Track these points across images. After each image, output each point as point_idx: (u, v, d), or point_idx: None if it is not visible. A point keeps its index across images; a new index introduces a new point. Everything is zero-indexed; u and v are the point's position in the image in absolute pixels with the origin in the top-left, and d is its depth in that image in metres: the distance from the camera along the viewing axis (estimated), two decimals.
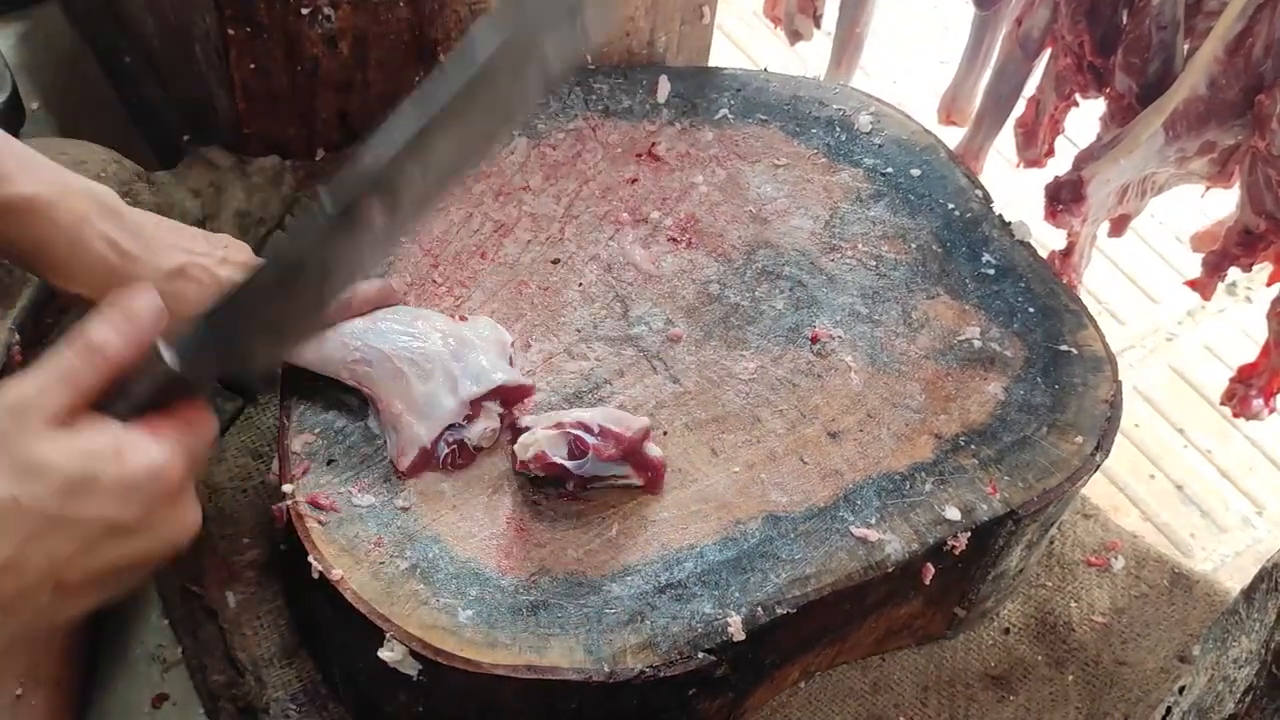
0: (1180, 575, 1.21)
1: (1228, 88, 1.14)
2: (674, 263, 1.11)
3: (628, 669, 0.85)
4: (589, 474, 0.93)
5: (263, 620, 1.07)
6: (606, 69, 1.27)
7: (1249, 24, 1.10)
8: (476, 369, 0.95)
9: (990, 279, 1.13)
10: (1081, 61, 1.25)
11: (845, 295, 1.10)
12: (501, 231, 1.11)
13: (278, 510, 0.91)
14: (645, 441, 0.94)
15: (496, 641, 0.86)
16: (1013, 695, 1.11)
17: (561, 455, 0.92)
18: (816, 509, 0.96)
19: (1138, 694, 1.12)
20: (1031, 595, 1.17)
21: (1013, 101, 1.41)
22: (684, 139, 1.21)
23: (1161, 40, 1.17)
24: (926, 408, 1.03)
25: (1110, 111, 1.26)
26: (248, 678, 1.04)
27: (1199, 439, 1.44)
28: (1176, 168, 1.22)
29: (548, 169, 1.17)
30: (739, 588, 0.91)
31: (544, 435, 0.92)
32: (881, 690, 1.09)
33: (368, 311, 0.97)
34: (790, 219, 1.16)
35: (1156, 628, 1.17)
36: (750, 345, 1.06)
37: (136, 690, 1.10)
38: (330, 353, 0.96)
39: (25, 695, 1.00)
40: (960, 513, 0.97)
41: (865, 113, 1.25)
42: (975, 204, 1.19)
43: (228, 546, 1.12)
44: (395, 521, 0.91)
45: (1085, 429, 1.03)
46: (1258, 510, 1.39)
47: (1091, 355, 1.08)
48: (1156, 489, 1.39)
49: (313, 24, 1.20)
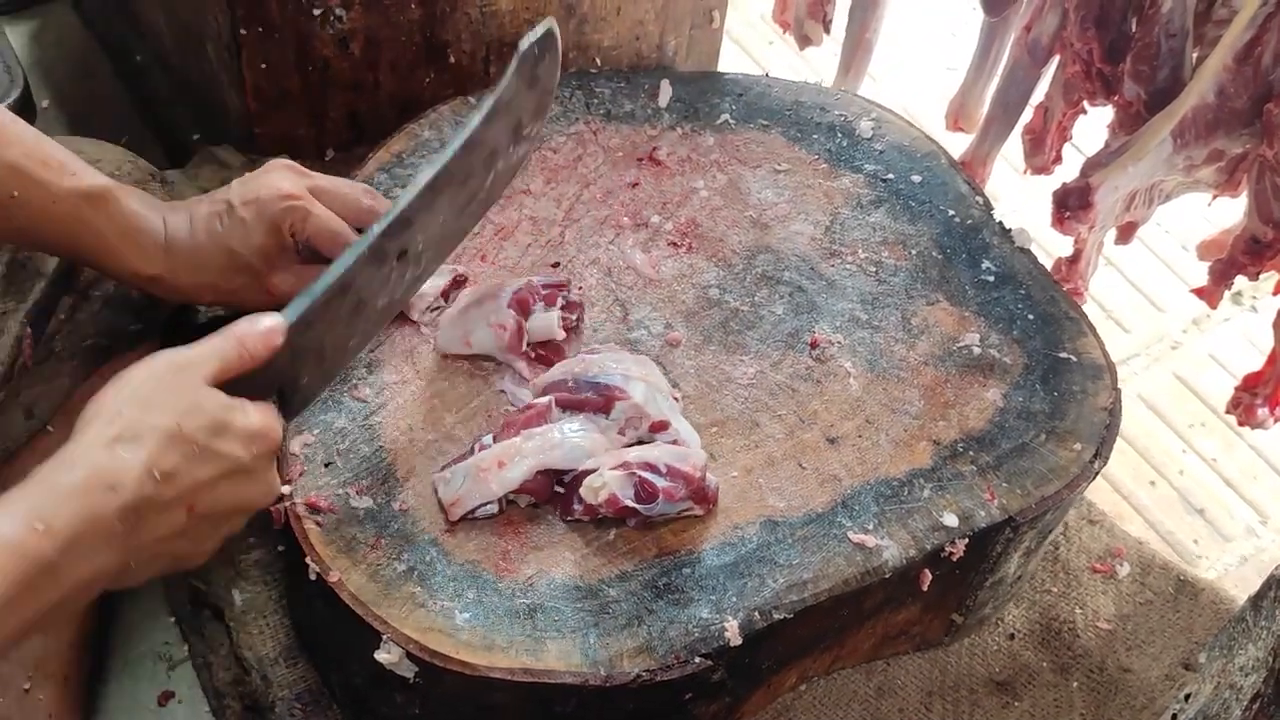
0: (1185, 582, 1.21)
1: (1236, 96, 1.13)
2: (674, 267, 1.12)
3: (624, 673, 0.86)
4: (658, 514, 0.93)
5: (269, 619, 1.08)
6: (608, 73, 1.27)
7: (1258, 32, 1.10)
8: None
9: (990, 286, 1.13)
10: (1090, 69, 1.25)
11: (845, 301, 1.10)
12: (502, 235, 1.12)
13: (276, 511, 0.92)
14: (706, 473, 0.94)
15: (493, 644, 0.86)
16: (1017, 701, 1.11)
17: (630, 497, 0.91)
18: (814, 514, 0.96)
19: (1142, 701, 1.12)
20: (1036, 601, 1.17)
21: (1021, 108, 1.41)
22: (685, 144, 1.21)
23: (1170, 48, 1.16)
24: (925, 414, 1.03)
25: (1118, 119, 1.26)
26: (254, 676, 1.05)
27: (1203, 447, 1.43)
28: (1184, 175, 1.22)
29: (548, 172, 1.17)
30: (736, 592, 0.91)
31: (612, 477, 0.91)
32: (886, 695, 1.09)
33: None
34: (791, 224, 1.16)
35: (1161, 634, 1.17)
36: (749, 350, 1.06)
37: (143, 688, 1.10)
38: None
39: (33, 690, 1.00)
40: (958, 519, 0.97)
41: (866, 118, 1.25)
42: (975, 211, 1.19)
43: (234, 545, 1.12)
44: (393, 523, 0.92)
45: (1084, 436, 1.03)
46: (1262, 519, 1.38)
47: (1091, 363, 1.08)
48: (1160, 497, 1.39)
49: (324, 25, 1.21)
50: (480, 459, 0.92)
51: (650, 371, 0.99)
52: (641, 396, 0.95)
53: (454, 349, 1.02)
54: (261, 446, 0.77)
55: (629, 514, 0.92)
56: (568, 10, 1.27)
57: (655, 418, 0.95)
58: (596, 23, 1.30)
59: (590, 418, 0.95)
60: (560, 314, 1.03)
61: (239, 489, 0.76)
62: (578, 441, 0.93)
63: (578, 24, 1.29)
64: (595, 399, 0.95)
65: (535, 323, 1.01)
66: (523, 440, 0.92)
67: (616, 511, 0.92)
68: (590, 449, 0.93)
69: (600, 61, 1.33)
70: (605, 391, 0.95)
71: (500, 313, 1.00)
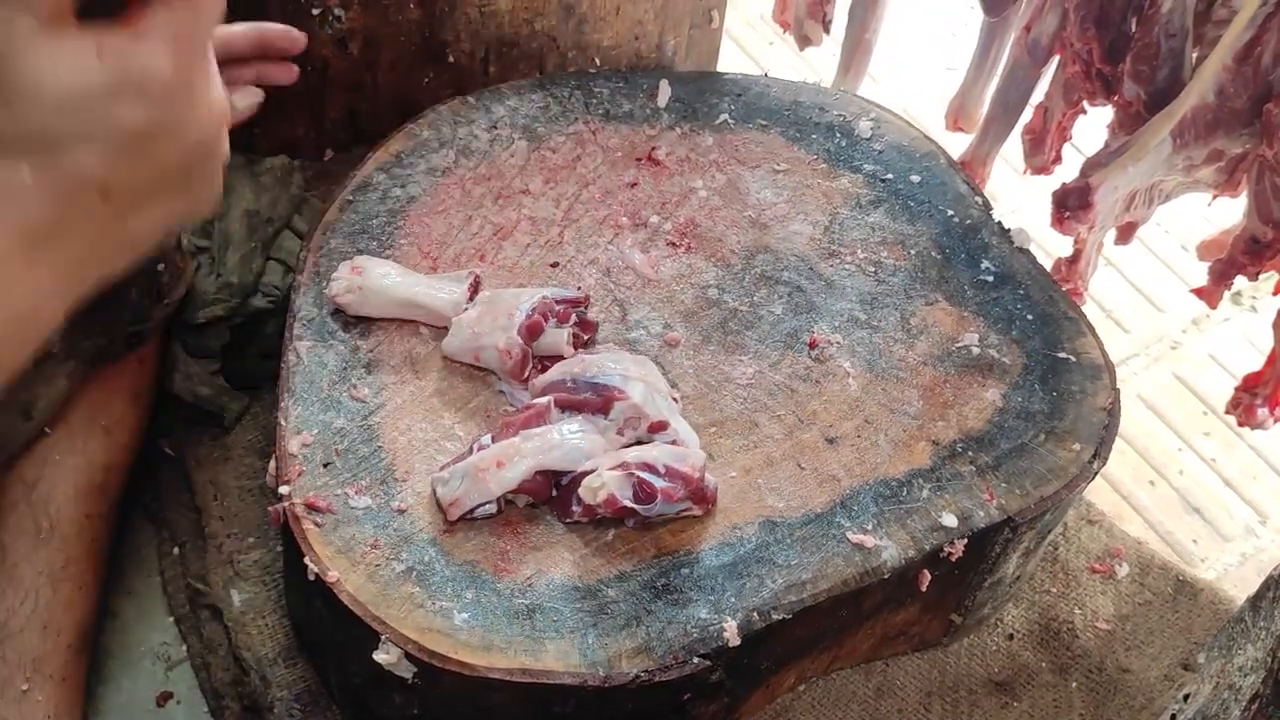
0: (1184, 583, 1.21)
1: (1236, 96, 1.13)
2: (673, 267, 1.12)
3: (623, 673, 0.86)
4: (656, 514, 0.93)
5: (268, 619, 1.08)
6: (607, 73, 1.27)
7: (1258, 33, 1.10)
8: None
9: (989, 286, 1.13)
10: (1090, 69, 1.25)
11: (844, 301, 1.10)
12: (501, 234, 1.12)
13: (274, 511, 0.92)
14: (705, 474, 0.94)
15: (492, 645, 0.86)
16: (1016, 702, 1.11)
17: (628, 498, 0.91)
18: (813, 514, 0.96)
19: (1141, 701, 1.12)
20: (1035, 601, 1.17)
21: (1020, 108, 1.41)
22: (684, 143, 1.21)
23: (1170, 48, 1.16)
24: (924, 414, 1.03)
25: (1118, 119, 1.26)
26: (253, 676, 1.05)
27: (1203, 447, 1.43)
28: (1184, 175, 1.22)
29: (547, 172, 1.17)
30: (735, 593, 0.91)
31: (610, 477, 0.91)
32: (885, 695, 1.09)
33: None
34: (789, 224, 1.16)
35: (1160, 635, 1.17)
36: (748, 350, 1.06)
37: (141, 688, 1.11)
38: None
39: (31, 690, 1.00)
40: (957, 519, 0.97)
41: (865, 118, 1.25)
42: (975, 211, 1.18)
43: (233, 545, 1.13)
44: (392, 524, 0.92)
45: (1083, 436, 1.03)
46: (1261, 519, 1.38)
47: (1090, 363, 1.08)
48: (1159, 497, 1.39)
49: (323, 25, 1.21)
50: (479, 459, 0.92)
51: (649, 372, 0.99)
52: (640, 397, 0.95)
53: (460, 358, 1.02)
54: (159, 88, 0.57)
55: (628, 514, 0.92)
56: (567, 10, 1.27)
57: (654, 418, 0.95)
58: (596, 22, 1.30)
59: (589, 418, 0.95)
60: (572, 331, 1.02)
61: (156, 151, 0.59)
62: (576, 443, 0.93)
63: (577, 24, 1.29)
64: (594, 399, 0.95)
65: (545, 340, 1.01)
66: (521, 440, 0.92)
67: (615, 512, 0.92)
68: (589, 450, 0.93)
69: (600, 61, 1.33)
70: (604, 392, 0.95)
71: (510, 337, 0.99)
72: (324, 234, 1.09)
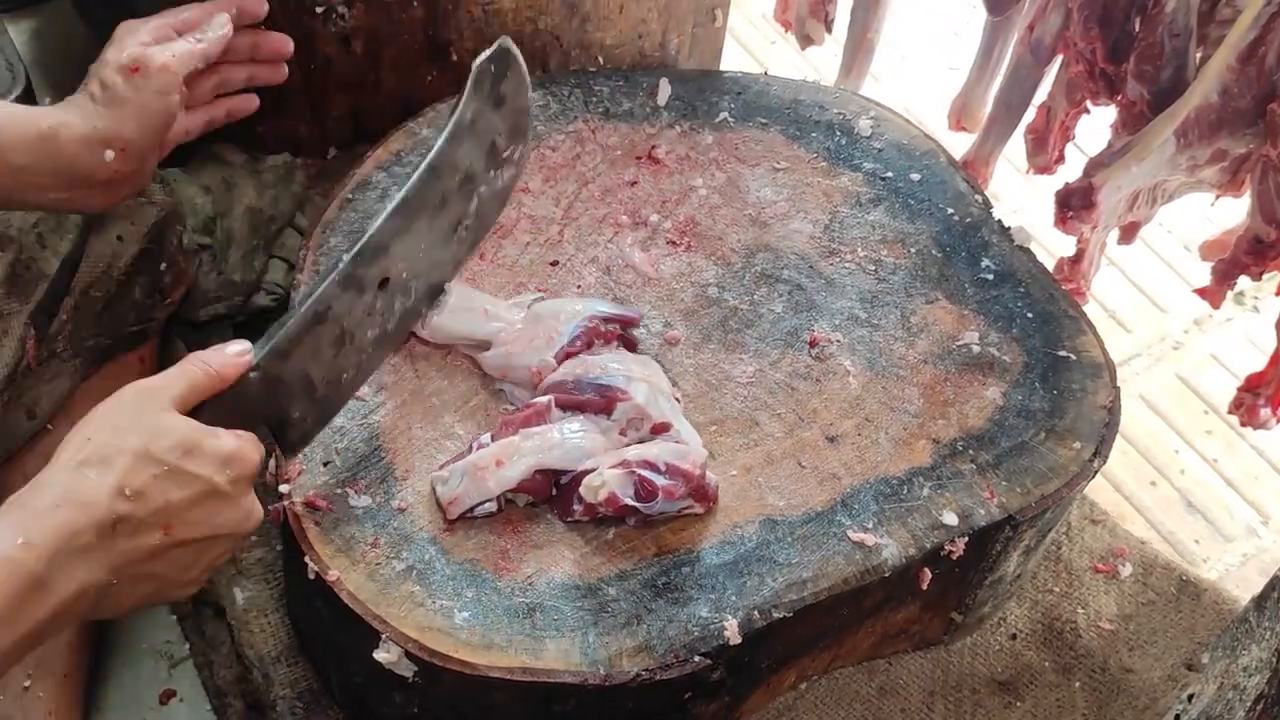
0: (1188, 583, 1.20)
1: (1239, 96, 1.13)
2: (673, 265, 1.12)
3: (623, 672, 0.86)
4: (657, 513, 0.93)
5: (270, 617, 1.08)
6: (606, 71, 1.27)
7: (1261, 33, 1.10)
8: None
9: (989, 284, 1.13)
10: (1093, 68, 1.24)
11: (844, 299, 1.10)
12: (500, 233, 1.11)
13: (274, 510, 0.92)
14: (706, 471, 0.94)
15: (492, 643, 0.86)
16: (1019, 701, 1.11)
17: (630, 496, 0.91)
18: (814, 513, 0.96)
19: (1145, 701, 1.12)
20: (1039, 601, 1.17)
21: (1023, 108, 1.41)
22: (684, 142, 1.21)
23: (1174, 48, 1.16)
24: (924, 412, 1.03)
25: (1121, 119, 1.26)
26: (255, 674, 1.05)
27: (1205, 447, 1.43)
28: (1187, 175, 1.22)
29: (547, 171, 1.17)
30: (735, 591, 0.91)
31: (611, 475, 0.91)
32: (888, 695, 1.09)
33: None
34: (789, 223, 1.16)
35: (1164, 635, 1.17)
36: (748, 349, 1.06)
37: (144, 686, 1.11)
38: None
39: (33, 687, 1.01)
40: (958, 518, 0.97)
41: (865, 117, 1.25)
42: (975, 209, 1.18)
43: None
44: (392, 522, 0.92)
45: (1083, 435, 1.02)
46: (1263, 520, 1.38)
47: (1090, 361, 1.08)
48: (1162, 497, 1.38)
49: (327, 23, 1.21)
50: (478, 458, 0.92)
51: (653, 372, 0.99)
52: (643, 398, 0.95)
53: (489, 370, 1.01)
54: (237, 470, 0.77)
55: (629, 512, 0.92)
56: (570, 8, 1.27)
57: (657, 419, 0.95)
58: (599, 21, 1.30)
59: (591, 419, 0.95)
60: (614, 350, 1.01)
61: (215, 512, 0.76)
62: (577, 442, 0.93)
63: (580, 22, 1.29)
64: (597, 400, 0.95)
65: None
66: (521, 439, 0.92)
67: (616, 510, 0.92)
68: (589, 449, 0.93)
69: (603, 60, 1.33)
70: (607, 393, 0.95)
71: (544, 359, 0.98)
72: (323, 232, 1.09)
